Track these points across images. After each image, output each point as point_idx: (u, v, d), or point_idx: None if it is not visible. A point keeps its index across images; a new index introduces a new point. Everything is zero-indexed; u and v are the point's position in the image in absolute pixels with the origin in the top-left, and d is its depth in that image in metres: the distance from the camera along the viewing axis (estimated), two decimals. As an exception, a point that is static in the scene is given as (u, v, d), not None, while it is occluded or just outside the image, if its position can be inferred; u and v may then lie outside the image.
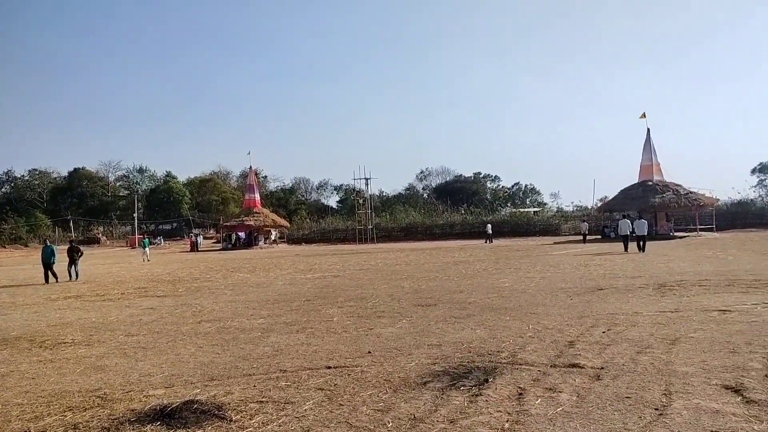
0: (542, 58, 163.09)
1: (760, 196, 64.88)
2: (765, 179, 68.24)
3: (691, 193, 43.16)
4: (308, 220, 72.34)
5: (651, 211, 41.13)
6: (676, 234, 41.67)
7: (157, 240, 66.83)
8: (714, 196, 46.01)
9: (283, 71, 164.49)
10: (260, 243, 55.40)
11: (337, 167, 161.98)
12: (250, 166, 61.86)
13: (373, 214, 61.79)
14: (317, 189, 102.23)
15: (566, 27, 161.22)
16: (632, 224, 27.52)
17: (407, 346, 7.20)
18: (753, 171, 69.49)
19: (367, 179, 61.77)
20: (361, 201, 63.52)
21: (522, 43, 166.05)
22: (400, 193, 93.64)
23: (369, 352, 6.96)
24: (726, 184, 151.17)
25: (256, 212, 56.64)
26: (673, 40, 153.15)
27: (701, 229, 44.12)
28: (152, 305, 12.96)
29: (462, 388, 5.22)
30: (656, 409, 4.46)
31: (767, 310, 8.63)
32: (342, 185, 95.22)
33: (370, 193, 64.82)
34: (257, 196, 59.28)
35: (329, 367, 6.28)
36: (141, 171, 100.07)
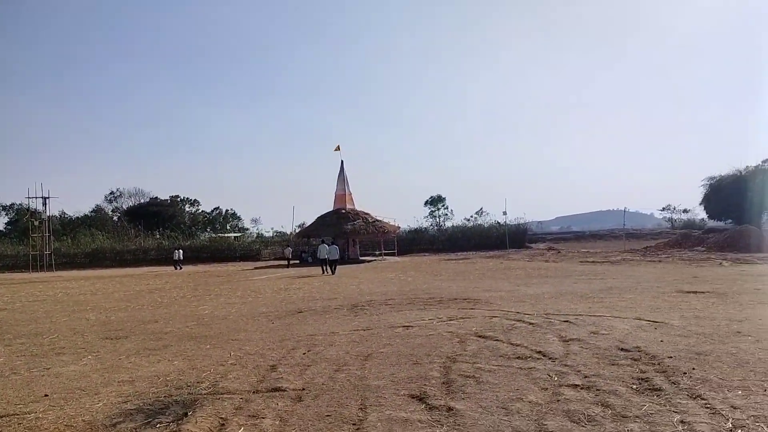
0: (240, 87, 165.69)
1: (431, 225, 74.74)
2: (434, 211, 78.77)
3: (378, 221, 47.69)
4: (-35, 244, 60.64)
5: (344, 237, 44.29)
6: (364, 258, 45.55)
7: None
8: (396, 224, 51.69)
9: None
10: None
11: (5, 183, 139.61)
12: None
13: (52, 238, 54.53)
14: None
15: (270, 64, 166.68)
16: (328, 249, 29.32)
17: (93, 385, 6.38)
18: (426, 203, 79.74)
19: (44, 198, 54.29)
20: (36, 223, 55.50)
21: (221, 73, 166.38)
22: (86, 215, 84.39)
23: (46, 396, 6.00)
24: (407, 213, 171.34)
25: None
26: (360, 89, 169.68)
27: (385, 254, 49.11)
28: None
29: (158, 426, 4.79)
30: (354, 424, 4.65)
31: (441, 324, 9.83)
32: (13, 204, 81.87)
33: (48, 214, 57.12)
34: None
35: (-7, 417, 5.22)
36: None
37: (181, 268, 43.09)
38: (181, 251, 46.23)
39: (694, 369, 6.02)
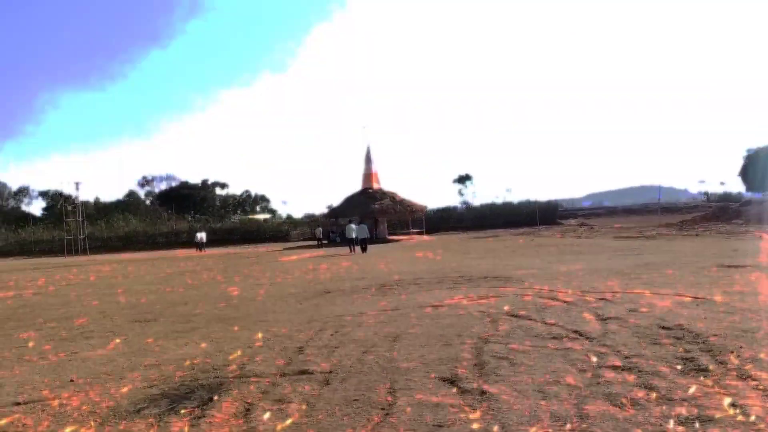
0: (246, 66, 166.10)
1: (459, 203, 74.30)
2: (462, 189, 78.22)
3: (405, 200, 47.45)
4: (3, 230, 62.37)
5: (372, 216, 44.17)
6: (392, 237, 45.41)
7: None
8: (424, 203, 51.36)
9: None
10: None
11: (40, 170, 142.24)
12: None
13: (85, 222, 55.57)
14: (15, 195, 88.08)
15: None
16: (356, 229, 29.28)
17: (119, 369, 6.32)
18: (454, 181, 79.18)
19: (77, 183, 55.46)
20: (70, 208, 56.66)
21: (244, 57, 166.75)
22: (119, 199, 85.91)
23: (71, 381, 5.93)
24: (434, 191, 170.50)
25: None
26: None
27: (414, 232, 48.90)
28: None
29: (182, 411, 4.66)
30: (382, 409, 4.46)
31: (471, 303, 9.58)
32: (48, 191, 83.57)
33: (82, 199, 58.21)
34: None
35: (18, 404, 5.16)
36: None
37: (204, 251, 43.36)
38: (204, 233, 46.28)
39: (741, 347, 5.68)
